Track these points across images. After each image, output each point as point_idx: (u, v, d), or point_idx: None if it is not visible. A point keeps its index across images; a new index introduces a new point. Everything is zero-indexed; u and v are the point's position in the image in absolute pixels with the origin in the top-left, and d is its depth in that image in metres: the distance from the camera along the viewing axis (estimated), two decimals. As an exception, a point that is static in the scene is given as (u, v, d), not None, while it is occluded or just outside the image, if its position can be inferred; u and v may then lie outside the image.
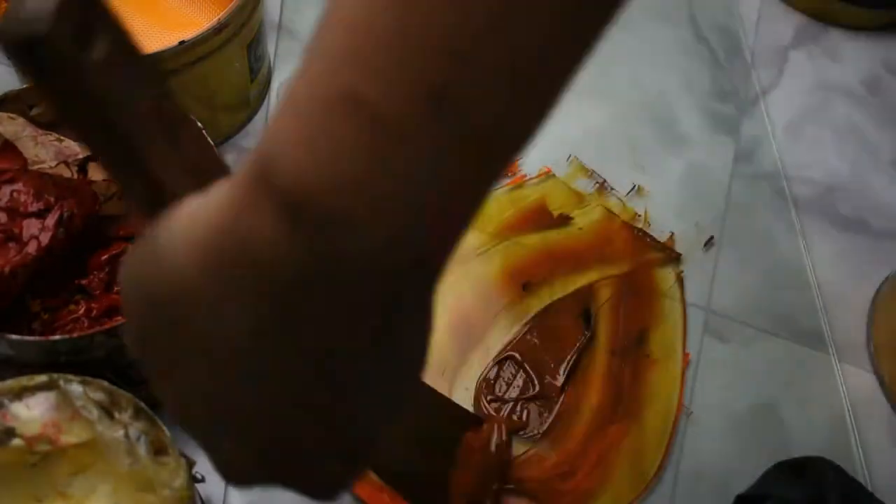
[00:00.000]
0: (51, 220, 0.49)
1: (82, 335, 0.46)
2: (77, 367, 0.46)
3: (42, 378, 0.45)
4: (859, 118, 0.71)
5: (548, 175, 0.66)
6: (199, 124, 0.43)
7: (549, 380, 0.57)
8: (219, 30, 0.57)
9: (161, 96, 0.26)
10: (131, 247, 0.25)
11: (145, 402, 0.45)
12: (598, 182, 0.66)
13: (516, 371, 0.58)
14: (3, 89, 0.53)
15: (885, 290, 0.62)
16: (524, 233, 0.63)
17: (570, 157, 0.67)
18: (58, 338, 0.46)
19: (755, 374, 0.59)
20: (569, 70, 0.23)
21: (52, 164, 0.52)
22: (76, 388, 0.44)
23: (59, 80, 0.24)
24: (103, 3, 0.24)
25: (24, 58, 0.23)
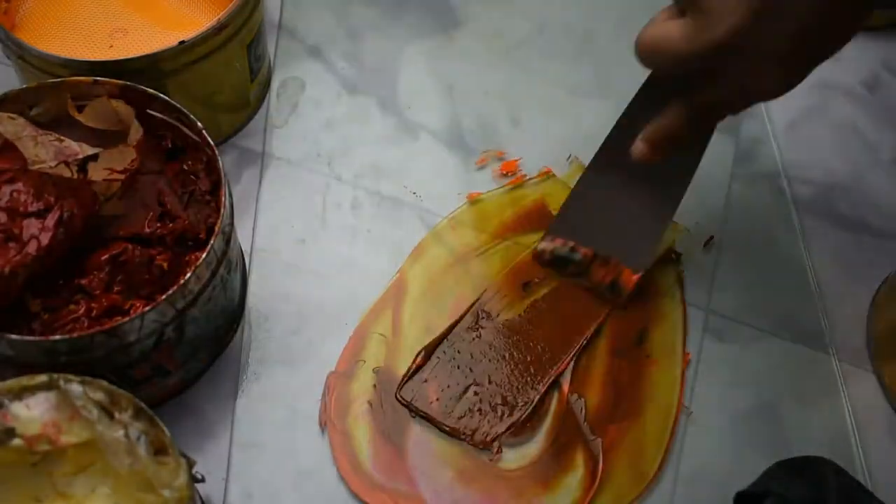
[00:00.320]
0: (51, 220, 0.49)
1: (82, 335, 0.46)
2: (77, 367, 0.46)
3: (42, 378, 0.45)
4: (859, 118, 0.71)
5: (548, 175, 0.66)
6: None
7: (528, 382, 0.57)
8: (219, 30, 0.57)
9: None
10: None
11: (145, 402, 0.45)
12: (598, 182, 0.66)
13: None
14: (3, 89, 0.53)
15: (884, 290, 0.62)
16: (524, 233, 0.63)
17: (570, 157, 0.67)
18: (58, 338, 0.46)
19: (755, 374, 0.60)
20: None
21: (52, 164, 0.52)
22: (76, 388, 0.44)
23: None
24: None
25: None
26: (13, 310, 0.49)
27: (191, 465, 0.45)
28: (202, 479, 0.46)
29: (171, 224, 0.53)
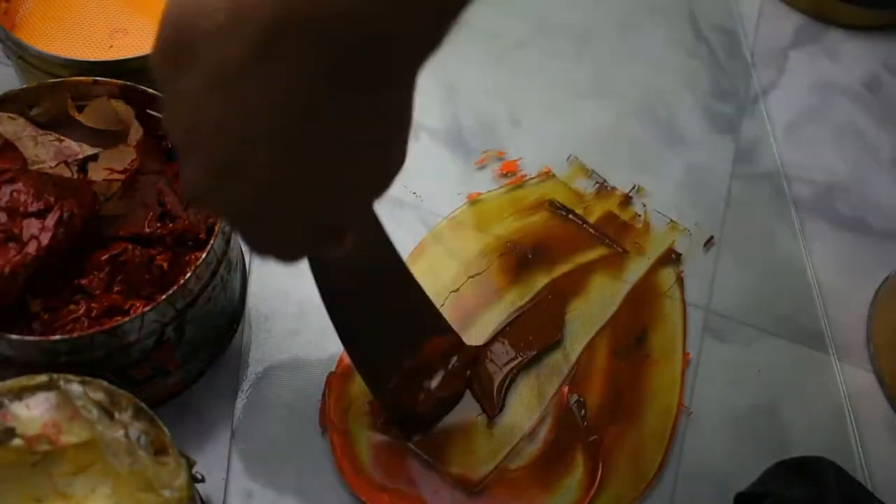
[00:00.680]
0: (51, 220, 0.49)
1: (82, 335, 0.46)
2: (77, 367, 0.46)
3: (42, 378, 0.45)
4: (859, 118, 0.71)
5: (548, 175, 0.66)
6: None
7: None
8: (219, 30, 0.57)
9: None
10: None
11: (145, 402, 0.45)
12: (598, 182, 0.66)
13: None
14: (3, 89, 0.53)
15: (884, 290, 0.62)
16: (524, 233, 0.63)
17: (570, 157, 0.67)
18: (58, 338, 0.46)
19: (755, 374, 0.60)
20: None
21: (52, 164, 0.52)
22: (76, 388, 0.44)
23: None
24: None
25: None
26: (13, 310, 0.49)
27: (191, 465, 0.45)
28: (202, 479, 0.46)
29: (171, 224, 0.53)
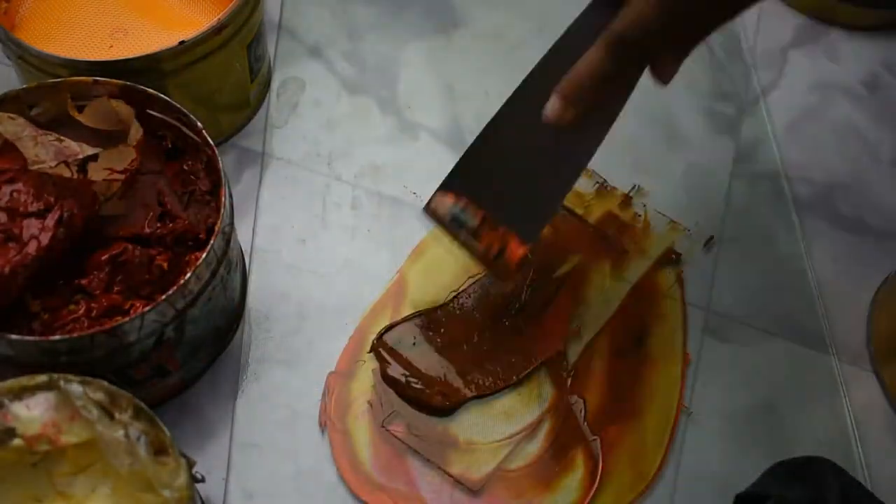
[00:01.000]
0: (51, 220, 0.49)
1: (82, 335, 0.46)
2: (77, 367, 0.46)
3: (42, 378, 0.45)
4: (859, 118, 0.71)
5: (548, 175, 0.66)
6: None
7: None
8: (219, 30, 0.57)
9: None
10: None
11: (145, 402, 0.45)
12: (598, 182, 0.66)
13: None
14: (3, 89, 0.53)
15: (885, 290, 0.62)
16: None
17: (570, 157, 0.67)
18: (58, 338, 0.46)
19: (755, 374, 0.60)
20: None
21: (52, 164, 0.52)
22: (76, 388, 0.44)
23: None
24: None
25: None
26: (13, 310, 0.49)
27: (191, 465, 0.45)
28: (202, 479, 0.46)
29: (171, 224, 0.53)
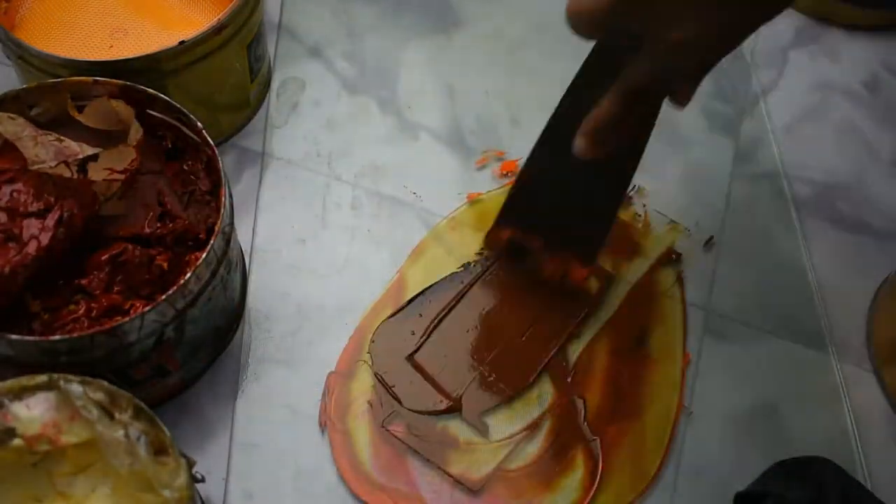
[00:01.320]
0: (51, 220, 0.49)
1: (82, 335, 0.46)
2: (77, 367, 0.46)
3: (42, 378, 0.45)
4: (859, 118, 0.71)
5: (548, 175, 0.66)
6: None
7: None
8: (219, 30, 0.57)
9: None
10: None
11: (145, 402, 0.45)
12: (598, 182, 0.66)
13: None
14: (3, 89, 0.53)
15: (885, 290, 0.62)
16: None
17: (570, 157, 0.67)
18: (58, 338, 0.46)
19: (755, 374, 0.60)
20: None
21: (52, 164, 0.52)
22: (76, 388, 0.44)
23: None
24: None
25: None
26: (13, 310, 0.49)
27: (191, 465, 0.45)
28: (202, 479, 0.46)
29: (171, 224, 0.53)
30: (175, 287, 0.48)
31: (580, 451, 0.55)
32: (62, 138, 0.53)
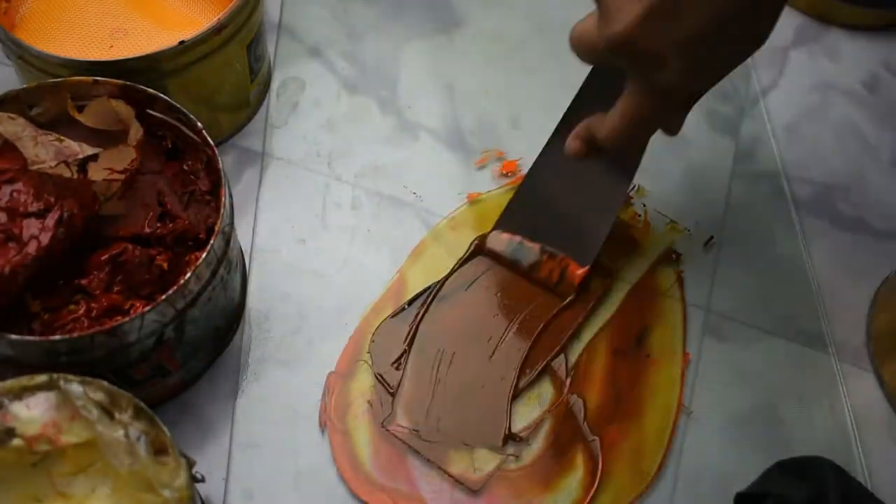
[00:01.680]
0: (51, 220, 0.49)
1: (82, 335, 0.46)
2: (77, 367, 0.46)
3: (42, 378, 0.45)
4: (859, 118, 0.71)
5: (548, 175, 0.66)
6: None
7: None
8: (219, 30, 0.57)
9: None
10: None
11: (145, 402, 0.45)
12: (598, 182, 0.66)
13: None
14: (3, 89, 0.53)
15: (884, 290, 0.62)
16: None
17: (570, 157, 0.67)
18: (58, 338, 0.46)
19: (755, 374, 0.60)
20: None
21: (52, 164, 0.52)
22: (76, 388, 0.44)
23: None
24: None
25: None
26: (13, 310, 0.49)
27: (191, 465, 0.45)
28: (202, 479, 0.46)
29: (171, 224, 0.53)
30: (175, 287, 0.48)
31: (580, 451, 0.55)
32: (62, 138, 0.53)
